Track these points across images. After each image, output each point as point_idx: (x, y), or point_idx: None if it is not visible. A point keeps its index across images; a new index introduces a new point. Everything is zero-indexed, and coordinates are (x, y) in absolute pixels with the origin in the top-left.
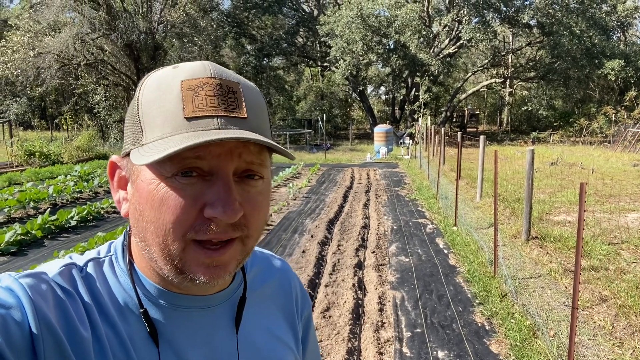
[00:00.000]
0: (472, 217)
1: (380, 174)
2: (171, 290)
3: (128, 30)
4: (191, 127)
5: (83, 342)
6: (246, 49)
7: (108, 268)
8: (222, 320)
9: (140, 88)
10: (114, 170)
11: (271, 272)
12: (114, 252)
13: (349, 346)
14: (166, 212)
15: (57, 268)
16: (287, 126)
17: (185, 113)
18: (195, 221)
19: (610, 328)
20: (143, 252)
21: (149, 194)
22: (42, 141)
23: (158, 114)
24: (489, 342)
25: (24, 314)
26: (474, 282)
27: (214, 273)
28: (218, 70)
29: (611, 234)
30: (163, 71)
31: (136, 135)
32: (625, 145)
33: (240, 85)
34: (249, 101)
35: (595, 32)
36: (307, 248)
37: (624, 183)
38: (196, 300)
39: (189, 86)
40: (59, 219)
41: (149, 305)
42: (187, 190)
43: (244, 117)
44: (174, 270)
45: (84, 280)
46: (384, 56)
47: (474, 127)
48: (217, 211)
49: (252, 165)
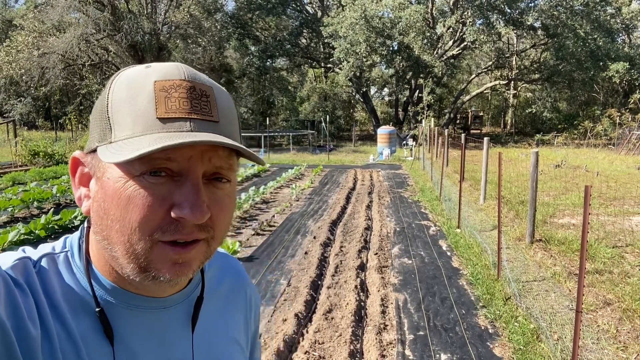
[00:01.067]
0: (475, 220)
1: (383, 176)
2: (128, 290)
3: (132, 31)
4: (163, 128)
5: (31, 340)
6: (250, 50)
7: (63, 264)
8: (178, 320)
9: (110, 85)
10: (76, 166)
11: (227, 271)
12: (69, 248)
13: (351, 348)
14: (133, 210)
15: (11, 261)
16: (290, 127)
17: (157, 114)
18: (163, 221)
19: (614, 332)
20: (104, 250)
21: (115, 192)
22: (46, 141)
23: (128, 113)
24: (492, 345)
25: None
26: (477, 285)
27: (179, 270)
28: (192, 73)
29: (615, 237)
30: (135, 70)
31: (104, 132)
32: (629, 148)
33: (212, 89)
34: (221, 105)
35: (599, 35)
36: (309, 249)
37: (628, 186)
38: (152, 301)
39: (162, 87)
40: (62, 218)
41: (105, 303)
42: (155, 190)
43: (215, 121)
44: (136, 268)
45: (37, 275)
46: (388, 57)
47: (477, 129)
48: (185, 212)
49: (221, 169)
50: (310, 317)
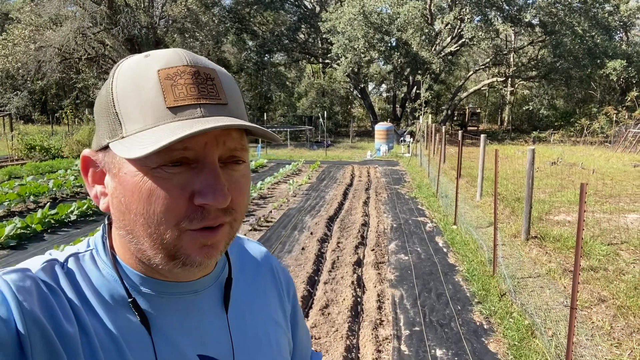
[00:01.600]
0: (471, 216)
1: (380, 172)
2: (156, 278)
3: (129, 24)
4: (175, 117)
5: (70, 338)
6: (247, 45)
7: (89, 262)
8: (210, 303)
9: (112, 78)
10: (88, 165)
11: (250, 253)
12: (93, 246)
13: (348, 343)
14: (156, 202)
15: (39, 264)
16: (288, 123)
17: (167, 103)
18: (187, 210)
19: (608, 328)
20: (129, 244)
21: (135, 186)
22: (42, 135)
23: (136, 105)
24: (487, 341)
25: (9, 310)
26: (473, 281)
27: (208, 252)
28: (193, 57)
29: (611, 235)
30: (134, 60)
31: (113, 127)
32: (625, 145)
33: (216, 71)
34: (227, 87)
35: (597, 32)
36: (306, 245)
37: (624, 183)
38: (181, 286)
39: (167, 75)
40: (59, 213)
41: (136, 294)
42: (175, 180)
43: (224, 103)
44: (165, 258)
45: (66, 275)
46: (386, 54)
47: (474, 126)
48: (208, 198)
49: (235, 151)
50: (307, 313)
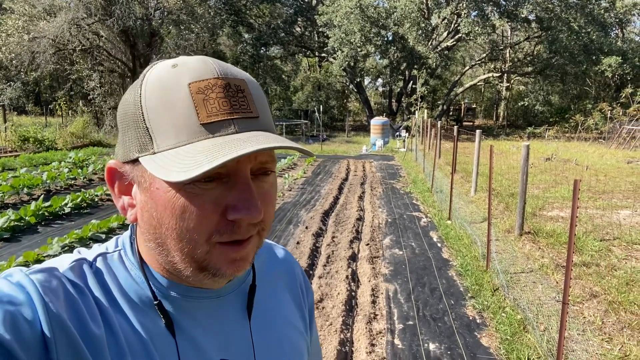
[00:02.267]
0: (466, 211)
1: (375, 167)
2: (181, 283)
3: (124, 15)
4: (209, 134)
5: (96, 339)
6: (243, 38)
7: (118, 262)
8: (235, 309)
9: (139, 89)
10: (114, 176)
11: (276, 260)
12: (122, 246)
13: (342, 337)
14: (189, 219)
15: (68, 263)
16: (284, 117)
17: (200, 119)
18: (219, 225)
19: (599, 324)
20: (159, 256)
21: (168, 202)
22: (36, 127)
23: (168, 120)
24: (479, 335)
25: (34, 311)
26: (467, 276)
27: (238, 266)
28: (223, 68)
29: (603, 231)
30: (162, 70)
31: (143, 141)
32: (619, 142)
33: (245, 82)
34: (256, 98)
35: (593, 28)
36: (301, 239)
37: (617, 180)
38: (207, 291)
39: (198, 89)
40: (52, 205)
41: (161, 297)
42: (208, 196)
43: (256, 116)
44: (196, 270)
45: (94, 275)
46: (382, 48)
47: (470, 121)
48: (242, 214)
49: (266, 163)
50: None
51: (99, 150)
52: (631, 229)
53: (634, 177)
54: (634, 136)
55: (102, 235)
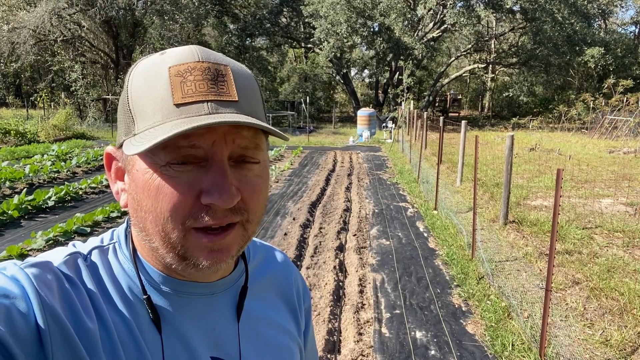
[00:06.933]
0: (452, 201)
1: (362, 158)
2: (175, 277)
3: (107, 5)
4: (181, 114)
5: (90, 333)
6: (229, 29)
7: (112, 255)
8: (226, 308)
9: (128, 77)
10: (110, 161)
11: (272, 264)
12: (117, 239)
13: (330, 327)
14: (163, 200)
15: (62, 257)
16: (270, 108)
17: (174, 100)
18: (193, 208)
19: (581, 310)
20: (144, 242)
21: (145, 184)
22: (17, 119)
23: (148, 102)
24: (465, 322)
25: (29, 305)
26: (452, 265)
27: (217, 257)
28: (206, 53)
29: (585, 219)
30: (151, 58)
31: (128, 125)
32: (602, 132)
33: (229, 67)
34: (240, 83)
35: (576, 19)
36: (289, 231)
37: (599, 169)
38: (200, 287)
39: (177, 72)
40: (35, 199)
41: (153, 291)
42: (183, 178)
43: (234, 100)
44: (176, 257)
45: (88, 268)
46: (368, 39)
47: (456, 112)
48: (213, 197)
49: (247, 150)
50: None
51: (82, 143)
52: (612, 217)
53: (615, 167)
54: (615, 126)
55: (87, 229)
